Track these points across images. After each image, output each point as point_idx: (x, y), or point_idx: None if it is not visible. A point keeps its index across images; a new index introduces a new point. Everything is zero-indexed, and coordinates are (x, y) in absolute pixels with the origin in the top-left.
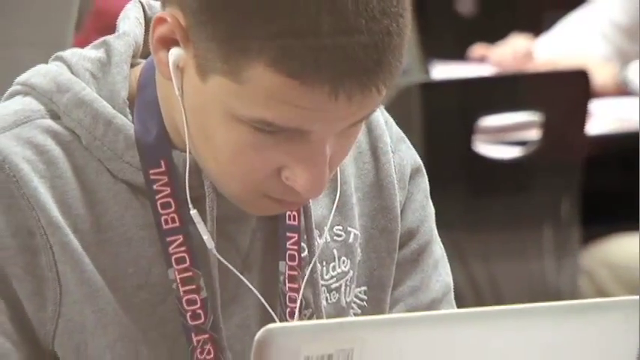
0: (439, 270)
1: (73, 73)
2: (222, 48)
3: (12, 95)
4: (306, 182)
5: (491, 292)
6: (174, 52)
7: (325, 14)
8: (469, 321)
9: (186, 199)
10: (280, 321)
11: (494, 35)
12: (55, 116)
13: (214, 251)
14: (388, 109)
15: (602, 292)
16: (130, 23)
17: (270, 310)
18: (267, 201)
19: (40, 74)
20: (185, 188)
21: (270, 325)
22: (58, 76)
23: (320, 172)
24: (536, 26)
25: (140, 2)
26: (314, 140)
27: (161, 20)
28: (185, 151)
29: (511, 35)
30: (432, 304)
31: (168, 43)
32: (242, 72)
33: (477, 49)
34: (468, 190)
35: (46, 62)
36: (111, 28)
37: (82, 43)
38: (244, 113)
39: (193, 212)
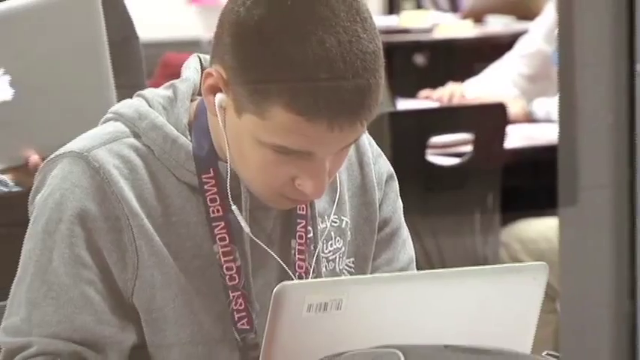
0: (406, 247)
1: (150, 105)
2: (252, 94)
3: (106, 121)
4: (312, 188)
5: (438, 260)
6: (219, 97)
7: (323, 71)
8: (423, 279)
9: (228, 196)
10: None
11: (440, 79)
12: (136, 136)
13: (249, 233)
14: (368, 130)
15: (515, 259)
16: (190, 71)
17: (289, 271)
18: (284, 199)
19: (126, 106)
20: (227, 189)
21: (284, 282)
22: (139, 107)
23: (322, 181)
24: (470, 73)
25: (198, 56)
26: (317, 159)
27: (209, 74)
28: (226, 163)
29: (448, 82)
30: (401, 272)
31: (214, 90)
32: (265, 112)
33: (422, 93)
34: (422, 187)
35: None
36: (174, 75)
37: (155, 85)
38: (267, 140)
39: (234, 207)
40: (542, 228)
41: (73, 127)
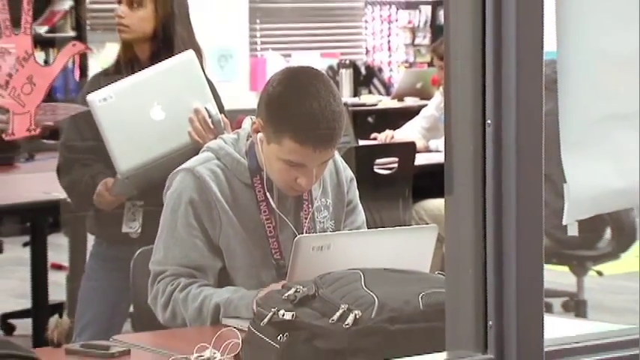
0: (361, 215)
1: (225, 143)
2: (275, 133)
3: (202, 151)
4: (305, 184)
5: (380, 224)
6: (259, 135)
7: (311, 121)
8: (371, 234)
9: (265, 189)
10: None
11: (381, 129)
12: (218, 159)
13: (276, 209)
14: (343, 157)
15: (421, 219)
16: (246, 124)
17: (296, 231)
18: (292, 190)
19: (213, 143)
20: (264, 186)
21: (300, 235)
22: (220, 143)
23: (311, 180)
24: (396, 127)
25: (250, 117)
26: (308, 168)
27: (254, 122)
28: (265, 172)
29: (385, 130)
30: (358, 229)
31: (257, 131)
32: (280, 141)
33: (373, 134)
34: (371, 185)
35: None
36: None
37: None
38: (282, 157)
39: (268, 194)
40: (437, 203)
41: None
